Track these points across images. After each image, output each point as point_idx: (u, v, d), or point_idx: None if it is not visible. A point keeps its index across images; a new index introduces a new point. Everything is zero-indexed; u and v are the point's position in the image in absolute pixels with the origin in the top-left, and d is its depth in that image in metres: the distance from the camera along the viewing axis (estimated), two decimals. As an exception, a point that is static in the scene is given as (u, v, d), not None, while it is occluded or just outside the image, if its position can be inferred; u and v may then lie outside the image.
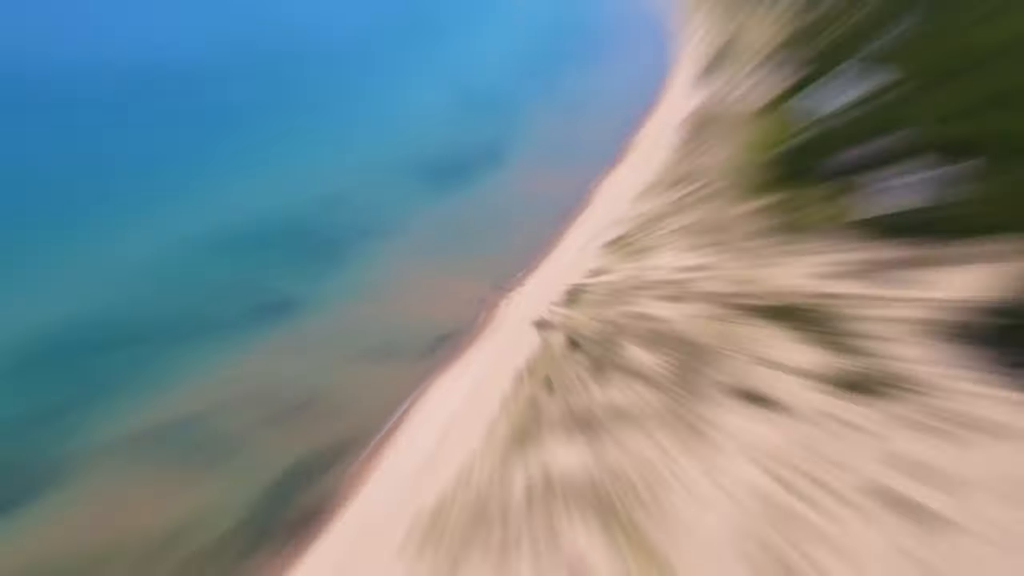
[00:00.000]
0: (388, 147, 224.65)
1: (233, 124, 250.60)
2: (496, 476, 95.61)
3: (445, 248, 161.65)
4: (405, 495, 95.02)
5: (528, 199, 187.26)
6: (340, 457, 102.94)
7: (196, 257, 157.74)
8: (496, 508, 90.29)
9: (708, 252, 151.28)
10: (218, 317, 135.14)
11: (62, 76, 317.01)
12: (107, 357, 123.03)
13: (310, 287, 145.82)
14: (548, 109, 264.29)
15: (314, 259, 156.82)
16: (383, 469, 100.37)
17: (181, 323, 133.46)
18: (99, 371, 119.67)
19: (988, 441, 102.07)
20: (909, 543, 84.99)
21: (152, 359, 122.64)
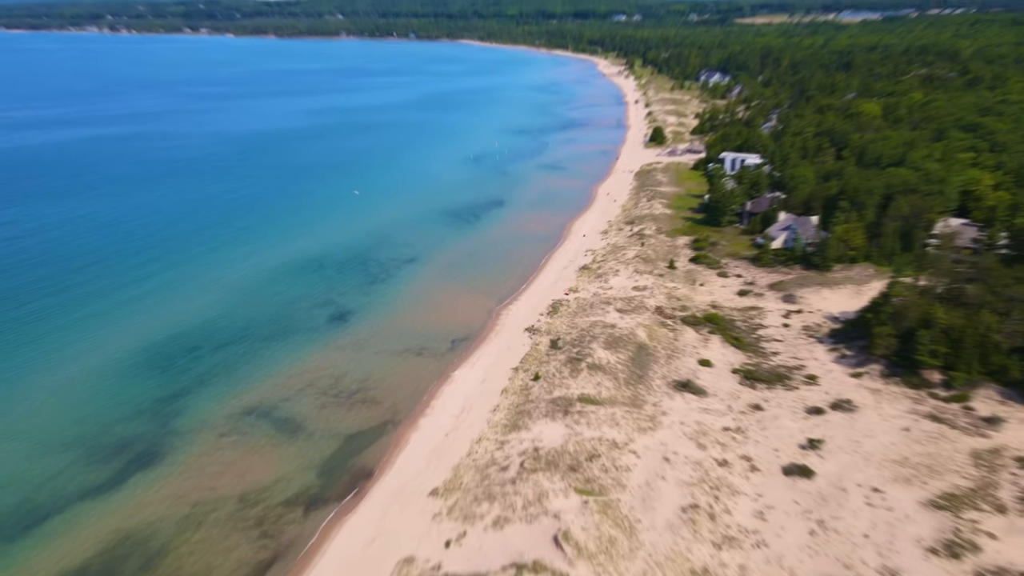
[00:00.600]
0: (421, 197, 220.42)
1: (310, 177, 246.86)
2: (497, 447, 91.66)
3: (463, 273, 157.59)
4: (432, 460, 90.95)
5: (523, 235, 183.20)
6: (384, 430, 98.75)
7: (281, 278, 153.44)
8: (496, 471, 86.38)
9: (652, 276, 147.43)
10: (294, 324, 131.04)
11: (212, 143, 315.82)
12: (211, 356, 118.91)
13: (363, 301, 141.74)
14: (536, 168, 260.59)
15: (367, 280, 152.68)
16: (416, 440, 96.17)
17: (267, 328, 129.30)
18: (205, 366, 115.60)
19: (844, 415, 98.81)
20: (798, 495, 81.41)
21: (244, 357, 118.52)
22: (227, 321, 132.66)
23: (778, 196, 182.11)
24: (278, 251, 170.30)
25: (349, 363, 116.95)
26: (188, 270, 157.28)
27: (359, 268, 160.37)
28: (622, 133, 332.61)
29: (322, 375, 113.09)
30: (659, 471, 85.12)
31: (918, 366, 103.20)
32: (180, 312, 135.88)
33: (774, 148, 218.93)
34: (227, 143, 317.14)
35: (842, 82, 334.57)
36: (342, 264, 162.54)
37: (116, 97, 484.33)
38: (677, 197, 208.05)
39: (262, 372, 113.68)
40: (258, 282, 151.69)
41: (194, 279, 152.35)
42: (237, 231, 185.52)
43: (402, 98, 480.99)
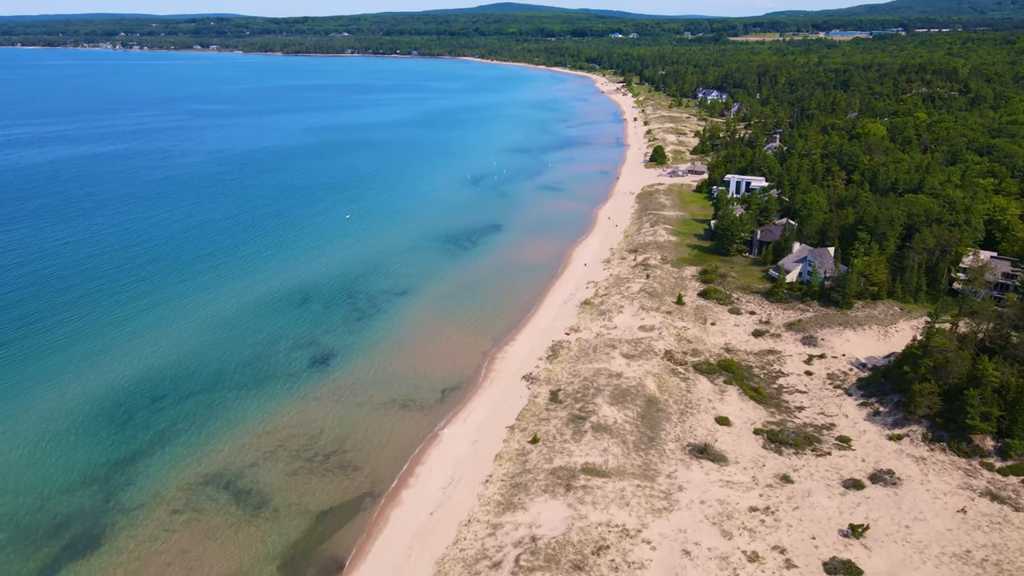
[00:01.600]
0: (416, 220, 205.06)
1: (304, 198, 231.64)
2: (489, 532, 75.97)
3: (456, 307, 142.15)
4: (413, 549, 75.38)
5: (521, 264, 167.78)
6: (360, 505, 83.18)
7: (263, 313, 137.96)
8: (487, 567, 70.68)
9: (660, 313, 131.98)
10: (272, 368, 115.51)
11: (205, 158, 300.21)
12: (176, 408, 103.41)
13: (348, 340, 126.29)
14: (535, 190, 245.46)
15: (354, 316, 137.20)
16: (396, 518, 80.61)
17: (242, 373, 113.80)
18: (167, 420, 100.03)
19: (886, 490, 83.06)
20: None
21: (213, 409, 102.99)
22: (200, 364, 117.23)
23: (789, 223, 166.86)
24: (263, 282, 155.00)
25: (328, 417, 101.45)
26: (169, 306, 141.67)
27: (347, 301, 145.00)
28: (622, 152, 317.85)
29: (297, 432, 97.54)
30: (679, 569, 69.41)
31: (968, 430, 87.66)
32: (153, 354, 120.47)
33: (781, 171, 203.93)
34: (225, 161, 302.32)
35: (842, 101, 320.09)
36: (329, 297, 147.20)
37: (120, 114, 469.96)
38: (682, 222, 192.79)
39: (230, 428, 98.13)
40: (239, 318, 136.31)
41: (175, 315, 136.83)
42: (224, 259, 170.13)
43: (403, 115, 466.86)
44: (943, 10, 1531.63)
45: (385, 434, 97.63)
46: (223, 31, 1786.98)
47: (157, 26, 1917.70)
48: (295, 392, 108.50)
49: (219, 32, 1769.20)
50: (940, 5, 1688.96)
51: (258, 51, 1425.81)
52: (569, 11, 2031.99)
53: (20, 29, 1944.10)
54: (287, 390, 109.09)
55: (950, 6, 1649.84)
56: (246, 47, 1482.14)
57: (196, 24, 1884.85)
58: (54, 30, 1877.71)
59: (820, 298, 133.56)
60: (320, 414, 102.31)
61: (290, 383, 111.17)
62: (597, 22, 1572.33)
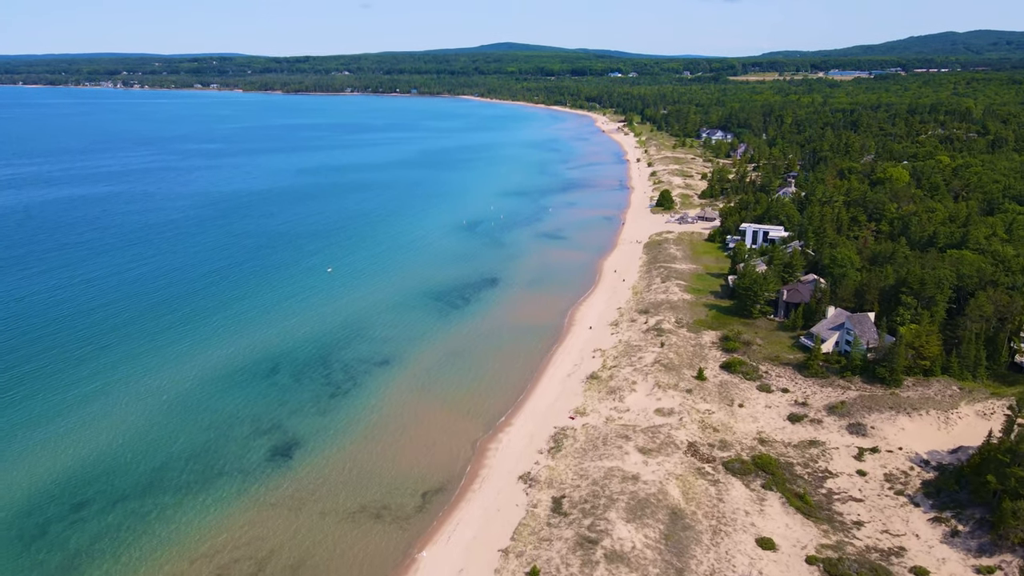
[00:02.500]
0: (405, 274, 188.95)
1: (285, 247, 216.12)
2: None
3: (443, 381, 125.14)
4: None
5: (518, 326, 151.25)
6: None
7: (224, 387, 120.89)
8: None
9: (679, 392, 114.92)
10: (224, 463, 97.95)
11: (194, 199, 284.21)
12: (99, 519, 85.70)
13: (316, 424, 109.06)
14: (535, 238, 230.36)
15: (327, 392, 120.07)
16: None
17: (188, 469, 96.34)
18: (85, 538, 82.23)
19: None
20: None
21: (144, 521, 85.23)
22: (140, 455, 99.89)
23: (817, 281, 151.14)
24: (230, 346, 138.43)
25: (283, 531, 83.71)
26: (114, 375, 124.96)
27: (320, 372, 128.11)
28: (625, 195, 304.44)
29: (243, 555, 79.67)
30: None
31: (1081, 568, 69.91)
32: (85, 440, 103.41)
33: (801, 220, 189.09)
34: (208, 205, 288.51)
35: (856, 143, 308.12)
36: (301, 366, 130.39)
37: (108, 154, 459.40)
38: (695, 277, 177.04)
39: (162, 549, 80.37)
40: (196, 392, 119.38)
41: (118, 388, 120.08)
42: (189, 318, 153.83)
43: (399, 155, 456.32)
44: (938, 51, 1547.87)
45: (351, 558, 79.72)
46: (225, 70, 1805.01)
47: (160, 65, 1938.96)
48: (248, 496, 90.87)
49: (221, 71, 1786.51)
50: (935, 46, 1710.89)
51: (258, 89, 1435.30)
52: (568, 51, 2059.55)
53: (24, 68, 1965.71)
54: (238, 493, 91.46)
55: (945, 47, 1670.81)
56: (246, 86, 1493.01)
57: (198, 63, 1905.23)
58: (57, 69, 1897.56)
59: (863, 373, 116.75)
60: (274, 528, 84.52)
61: (243, 483, 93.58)
62: (596, 61, 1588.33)
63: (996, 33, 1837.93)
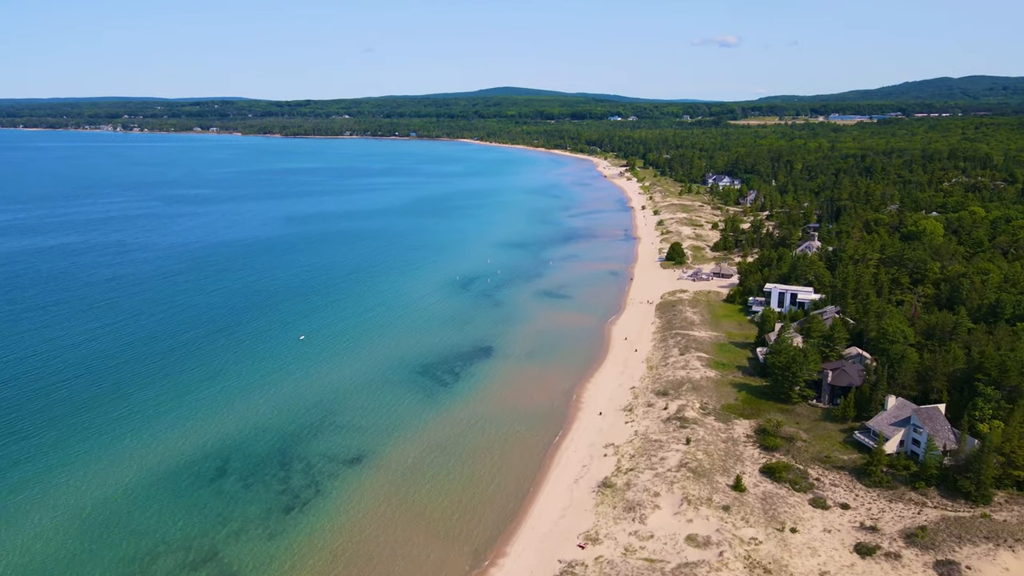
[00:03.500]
0: (388, 342, 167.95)
1: (259, 307, 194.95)
2: None
3: (423, 486, 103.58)
4: None
5: (514, 411, 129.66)
6: None
7: (153, 496, 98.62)
8: None
9: (713, 511, 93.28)
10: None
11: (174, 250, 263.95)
12: None
13: (263, 552, 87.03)
14: (535, 297, 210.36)
15: (282, 504, 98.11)
16: None
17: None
18: None
19: None
20: None
21: None
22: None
23: (862, 357, 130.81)
24: (173, 439, 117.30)
25: None
26: (29, 481, 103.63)
27: (276, 476, 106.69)
28: (632, 247, 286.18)
29: None
30: None
31: None
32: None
33: (834, 281, 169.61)
34: (184, 257, 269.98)
35: (877, 191, 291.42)
36: (254, 467, 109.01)
37: (91, 200, 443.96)
38: (718, 347, 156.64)
39: None
40: (121, 506, 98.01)
41: (27, 497, 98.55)
42: (130, 398, 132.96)
43: (393, 202, 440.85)
44: (935, 96, 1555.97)
45: None
46: (226, 113, 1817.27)
47: (162, 108, 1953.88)
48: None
49: (222, 115, 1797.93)
50: (931, 91, 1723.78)
51: (257, 133, 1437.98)
52: (567, 95, 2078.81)
53: (26, 111, 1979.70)
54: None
55: (941, 92, 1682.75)
56: (245, 129, 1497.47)
57: (200, 107, 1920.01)
58: (59, 112, 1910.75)
59: (940, 484, 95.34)
60: None
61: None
62: (596, 105, 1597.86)
63: (991, 78, 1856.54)
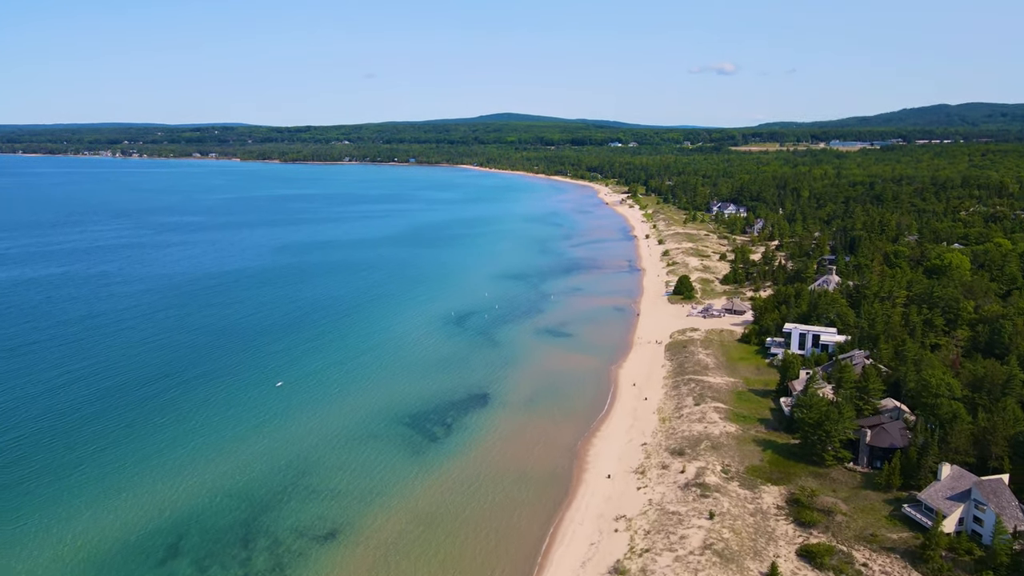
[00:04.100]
0: (373, 388, 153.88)
1: (238, 346, 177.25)
2: None
3: (405, 571, 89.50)
4: None
5: (512, 472, 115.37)
6: None
7: None
8: None
9: (747, 610, 78.82)
10: None
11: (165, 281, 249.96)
12: None
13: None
14: (535, 335, 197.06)
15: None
16: None
17: None
18: None
19: None
20: None
21: None
22: None
23: (900, 411, 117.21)
24: (125, 512, 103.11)
25: None
26: None
27: (236, 558, 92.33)
28: (637, 279, 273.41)
29: None
30: None
31: None
32: None
33: (860, 322, 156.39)
34: (168, 290, 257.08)
35: (892, 220, 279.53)
36: (211, 545, 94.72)
37: (79, 228, 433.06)
38: (736, 396, 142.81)
39: None
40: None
41: None
42: (85, 467, 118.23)
43: (390, 230, 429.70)
44: (933, 123, 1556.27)
45: None
46: (226, 139, 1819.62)
47: (162, 134, 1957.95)
48: None
49: (221, 140, 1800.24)
50: (930, 118, 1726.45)
51: (256, 158, 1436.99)
52: (567, 121, 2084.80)
53: (27, 137, 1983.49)
54: None
55: (940, 119, 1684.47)
56: (244, 155, 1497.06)
57: (200, 133, 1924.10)
58: (60, 138, 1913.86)
59: (1011, 573, 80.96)
60: None
61: None
62: (596, 131, 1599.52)
63: (989, 105, 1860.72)
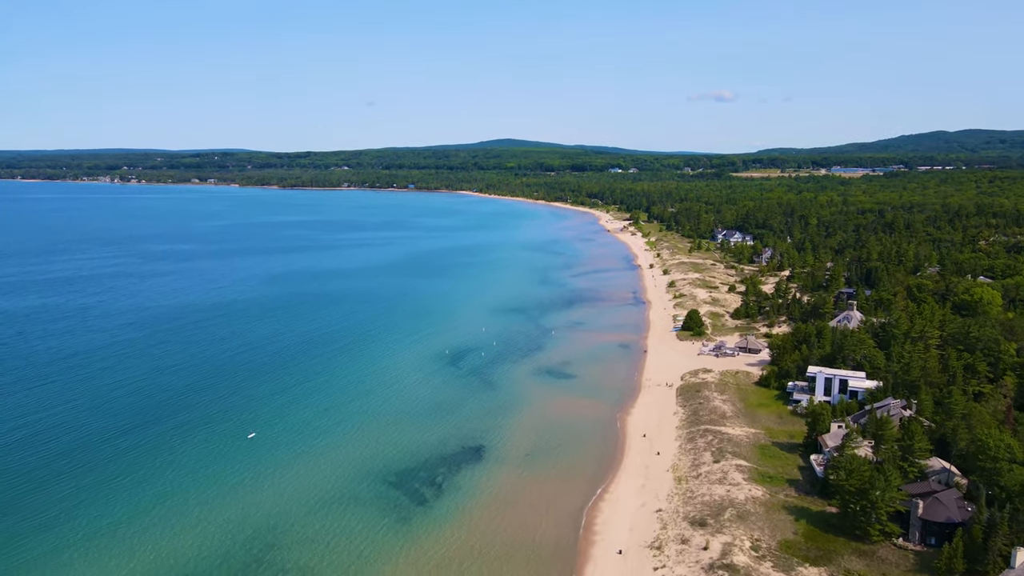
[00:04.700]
0: (355, 439, 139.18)
1: (214, 389, 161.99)
2: None
3: None
4: None
5: (509, 545, 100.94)
6: None
7: None
8: None
9: None
10: None
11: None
12: None
13: None
14: (534, 376, 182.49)
15: None
16: None
17: None
18: None
19: None
20: None
21: None
22: None
23: (948, 472, 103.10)
24: None
25: None
26: None
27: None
28: (642, 312, 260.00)
29: None
30: None
31: None
32: None
33: (892, 365, 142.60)
34: (146, 325, 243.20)
35: (909, 251, 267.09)
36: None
37: (64, 255, 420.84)
38: (759, 450, 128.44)
39: None
40: None
41: None
42: (20, 553, 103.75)
43: (385, 258, 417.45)
44: (932, 149, 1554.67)
45: None
46: (225, 165, 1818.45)
47: (162, 160, 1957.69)
48: None
49: (221, 166, 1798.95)
50: (928, 144, 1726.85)
51: (255, 184, 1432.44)
52: (567, 147, 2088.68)
53: (27, 163, 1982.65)
54: None
55: (938, 145, 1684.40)
56: (243, 180, 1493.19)
57: (200, 158, 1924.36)
58: (59, 164, 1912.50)
59: None
60: None
61: None
62: (596, 157, 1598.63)
63: (986, 132, 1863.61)
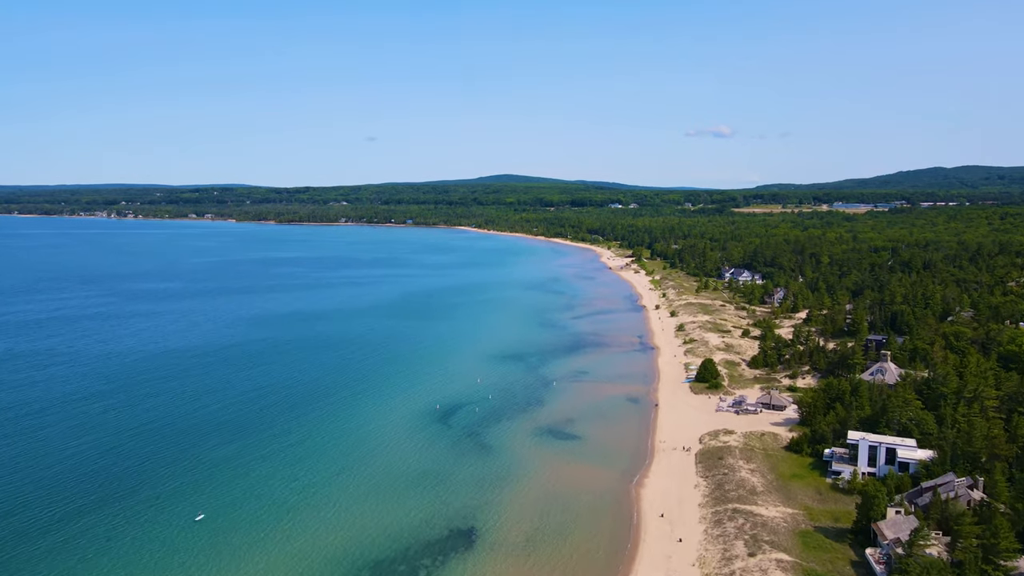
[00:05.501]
0: (330, 515, 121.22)
1: (171, 454, 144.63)
2: None
3: None
4: None
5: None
6: None
7: None
8: None
9: None
10: None
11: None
12: None
13: None
14: (534, 437, 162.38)
15: None
16: None
17: None
18: None
19: None
20: None
21: None
22: None
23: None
24: None
25: None
26: None
27: None
28: (650, 360, 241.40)
29: None
30: None
31: None
32: None
33: (946, 432, 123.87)
34: (113, 375, 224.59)
35: (937, 293, 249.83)
36: None
37: (42, 295, 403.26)
38: (801, 538, 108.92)
39: None
40: None
41: None
42: None
43: (378, 298, 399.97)
44: (931, 184, 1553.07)
45: None
46: (224, 200, 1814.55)
47: (161, 195, 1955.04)
48: None
49: (220, 201, 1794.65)
50: (927, 180, 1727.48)
51: (252, 219, 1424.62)
52: (566, 182, 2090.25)
53: (26, 198, 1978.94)
54: None
55: (937, 181, 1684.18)
56: (240, 215, 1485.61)
57: (199, 194, 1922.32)
58: (58, 199, 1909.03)
59: None
60: None
61: None
62: (596, 192, 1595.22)
63: (985, 168, 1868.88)
